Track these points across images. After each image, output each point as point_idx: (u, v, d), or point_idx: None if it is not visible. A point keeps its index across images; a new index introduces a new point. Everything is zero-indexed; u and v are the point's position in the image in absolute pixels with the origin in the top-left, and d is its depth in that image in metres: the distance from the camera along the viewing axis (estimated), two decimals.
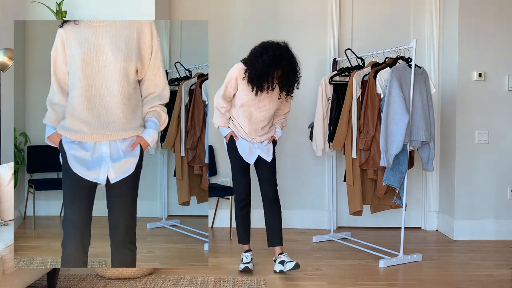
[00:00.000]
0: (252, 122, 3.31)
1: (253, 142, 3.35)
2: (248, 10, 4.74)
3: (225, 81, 3.30)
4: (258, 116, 3.29)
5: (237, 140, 3.36)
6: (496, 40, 4.36)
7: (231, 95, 3.31)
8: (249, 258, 3.43)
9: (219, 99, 3.33)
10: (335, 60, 4.44)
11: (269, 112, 3.31)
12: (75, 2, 3.85)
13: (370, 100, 3.74)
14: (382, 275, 3.38)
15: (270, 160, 3.36)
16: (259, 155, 3.35)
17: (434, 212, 4.75)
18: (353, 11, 4.75)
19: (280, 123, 3.46)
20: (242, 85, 3.24)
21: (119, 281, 3.16)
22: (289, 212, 4.66)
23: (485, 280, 3.28)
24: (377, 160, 3.72)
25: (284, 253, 3.37)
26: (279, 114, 3.44)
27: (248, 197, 3.45)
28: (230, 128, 3.37)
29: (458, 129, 4.38)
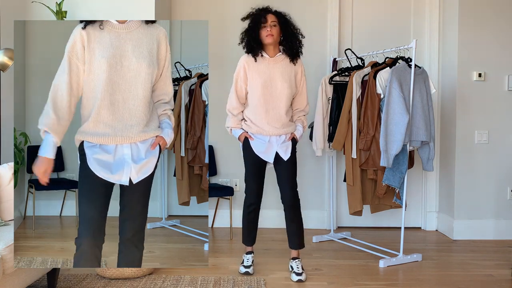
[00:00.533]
0: (269, 110, 3.15)
1: (270, 136, 3.19)
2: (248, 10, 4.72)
3: (234, 77, 3.23)
4: (274, 102, 3.15)
5: (252, 140, 3.22)
6: (496, 40, 4.36)
7: (243, 91, 3.22)
8: (250, 261, 3.39)
9: (231, 100, 3.25)
10: (335, 60, 4.45)
11: (283, 94, 3.15)
12: (75, 2, 3.85)
13: (370, 100, 3.74)
14: (382, 275, 3.38)
15: (287, 158, 3.18)
16: (277, 151, 3.19)
17: (434, 212, 4.75)
18: (353, 11, 4.75)
19: (301, 120, 3.31)
20: (250, 72, 3.16)
21: (119, 281, 3.16)
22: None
23: (485, 280, 3.29)
24: (377, 160, 3.73)
25: (298, 259, 3.31)
26: (297, 110, 3.30)
27: (258, 203, 3.31)
28: (243, 129, 3.26)
29: (458, 129, 4.38)
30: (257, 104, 3.17)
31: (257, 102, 3.17)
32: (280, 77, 3.15)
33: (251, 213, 3.34)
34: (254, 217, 3.36)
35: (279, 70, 3.16)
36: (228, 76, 4.58)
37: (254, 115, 3.20)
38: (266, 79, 3.14)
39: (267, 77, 3.14)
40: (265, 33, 3.11)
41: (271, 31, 3.10)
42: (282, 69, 3.17)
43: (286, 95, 3.16)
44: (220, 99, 4.60)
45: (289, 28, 3.16)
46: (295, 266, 3.27)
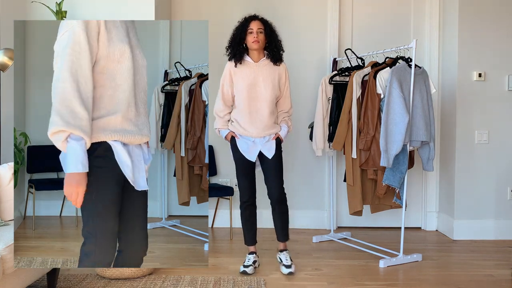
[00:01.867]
0: (252, 112, 3.31)
1: (254, 137, 3.33)
2: (248, 10, 4.71)
3: (221, 81, 3.40)
4: (258, 105, 3.30)
5: (238, 139, 3.36)
6: (496, 40, 4.36)
7: (229, 94, 3.36)
8: (250, 261, 3.41)
9: (217, 103, 3.41)
10: (335, 60, 4.45)
11: (267, 98, 3.30)
12: (75, 2, 3.85)
13: (370, 100, 3.74)
14: (382, 275, 3.38)
15: (271, 156, 3.32)
16: (261, 151, 3.33)
17: (434, 212, 4.75)
18: (353, 11, 4.75)
19: (285, 121, 3.43)
20: (236, 76, 3.32)
21: (119, 281, 3.16)
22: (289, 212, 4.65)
23: (485, 280, 3.29)
24: (377, 160, 3.72)
25: (286, 250, 3.45)
26: (281, 112, 3.43)
27: (252, 199, 3.41)
28: (229, 129, 3.40)
29: (458, 129, 4.38)
30: (242, 107, 3.33)
31: (242, 105, 3.32)
32: (264, 80, 3.31)
33: (246, 210, 3.43)
34: (250, 214, 3.44)
35: (263, 74, 3.32)
36: None
37: (240, 117, 3.35)
38: (250, 83, 3.30)
39: (251, 81, 3.30)
40: (251, 39, 3.27)
41: (257, 38, 3.27)
42: (265, 73, 3.32)
43: (269, 97, 3.31)
44: None
45: (273, 34, 3.34)
46: (284, 258, 3.40)
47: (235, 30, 3.36)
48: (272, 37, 3.32)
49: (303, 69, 4.66)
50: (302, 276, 3.32)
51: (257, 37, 3.26)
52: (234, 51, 3.32)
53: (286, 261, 3.37)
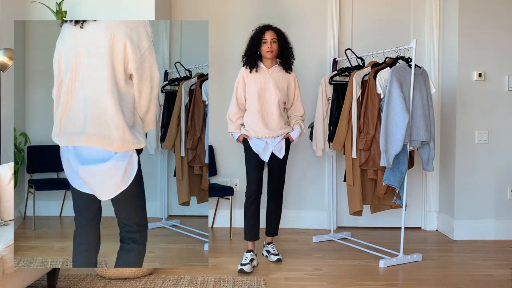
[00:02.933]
0: (263, 115, 3.50)
1: (266, 138, 3.51)
2: (248, 10, 4.74)
3: (235, 85, 3.58)
4: (268, 108, 3.50)
5: (250, 140, 3.53)
6: (496, 40, 4.36)
7: (242, 98, 3.56)
8: (248, 259, 3.43)
9: (231, 107, 3.60)
10: (335, 60, 4.45)
11: (276, 101, 3.49)
12: (75, 2, 3.85)
13: (370, 100, 3.74)
14: (382, 275, 3.38)
15: (281, 157, 3.54)
16: (272, 151, 3.52)
17: (434, 212, 4.75)
18: (353, 11, 4.75)
19: (298, 124, 3.61)
20: (248, 81, 3.53)
21: (119, 281, 3.16)
22: (289, 212, 4.66)
23: (485, 280, 3.29)
24: (377, 160, 3.72)
25: (273, 242, 3.76)
26: (294, 116, 3.62)
27: (258, 192, 3.55)
28: (241, 132, 3.57)
29: (458, 129, 4.38)
30: (254, 110, 3.51)
31: (253, 108, 3.51)
32: (274, 85, 3.50)
33: (252, 205, 3.56)
34: (255, 209, 3.58)
35: (274, 80, 3.52)
36: (228, 76, 4.59)
37: (251, 120, 3.53)
38: (261, 87, 3.50)
39: (262, 85, 3.51)
40: (265, 48, 3.48)
41: (271, 48, 3.47)
42: (276, 79, 3.53)
43: (278, 101, 3.51)
44: (220, 99, 4.61)
45: (286, 44, 3.54)
46: (272, 248, 3.72)
47: (250, 40, 3.54)
48: (285, 47, 3.52)
49: (303, 69, 4.65)
50: (302, 276, 3.32)
51: (271, 47, 3.46)
52: (250, 60, 3.51)
53: (274, 250, 3.70)
